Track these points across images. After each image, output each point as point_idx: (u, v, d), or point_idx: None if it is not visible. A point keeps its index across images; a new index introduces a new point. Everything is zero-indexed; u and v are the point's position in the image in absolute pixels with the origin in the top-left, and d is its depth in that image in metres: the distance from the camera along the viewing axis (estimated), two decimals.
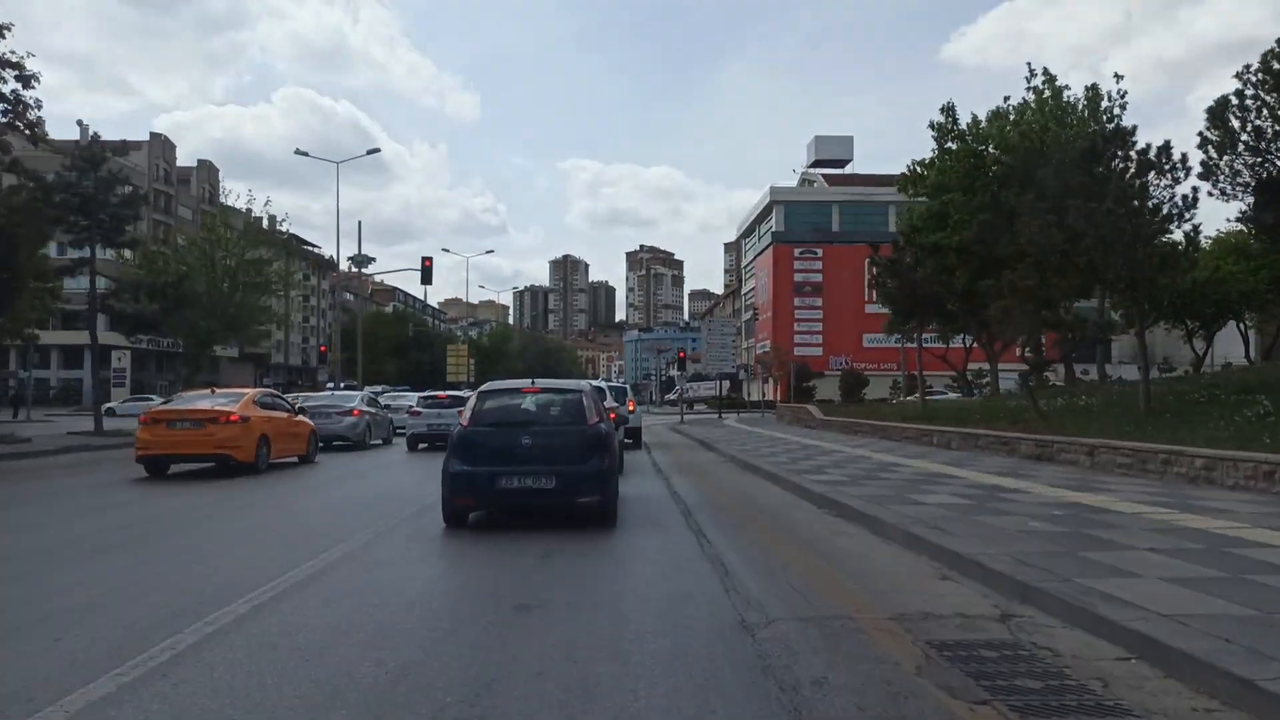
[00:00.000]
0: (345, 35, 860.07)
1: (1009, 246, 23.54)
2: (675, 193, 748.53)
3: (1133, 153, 22.10)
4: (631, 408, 21.09)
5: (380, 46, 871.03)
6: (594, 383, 16.63)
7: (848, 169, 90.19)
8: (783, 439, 22.75)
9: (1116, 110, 23.69)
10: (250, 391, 16.61)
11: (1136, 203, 14.32)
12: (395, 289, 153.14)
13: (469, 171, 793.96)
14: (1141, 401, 14.43)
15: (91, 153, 23.71)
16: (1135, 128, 22.66)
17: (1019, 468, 12.99)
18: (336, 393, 24.53)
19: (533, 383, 8.91)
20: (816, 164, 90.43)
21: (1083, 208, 15.06)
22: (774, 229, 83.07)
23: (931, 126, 26.05)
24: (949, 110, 25.73)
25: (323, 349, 42.83)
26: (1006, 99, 26.03)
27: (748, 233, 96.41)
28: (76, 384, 72.33)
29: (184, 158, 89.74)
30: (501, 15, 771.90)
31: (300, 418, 17.15)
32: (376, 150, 41.93)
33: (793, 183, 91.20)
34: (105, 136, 26.70)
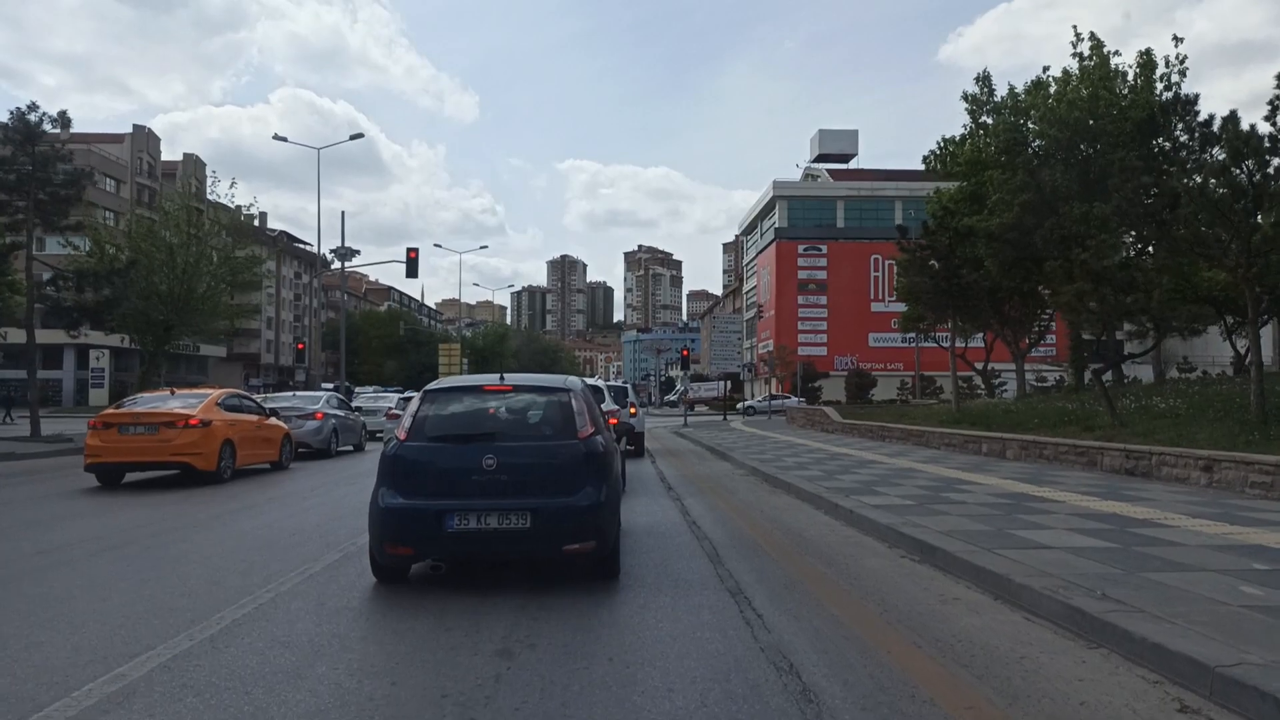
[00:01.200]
0: (343, 36, 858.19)
1: (1054, 231, 21.10)
2: (674, 194, 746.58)
3: (1195, 124, 19.74)
4: (634, 411, 18.52)
5: (378, 47, 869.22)
6: (590, 381, 14.02)
7: (852, 164, 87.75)
8: (803, 445, 20.22)
9: (1175, 77, 21.15)
10: (214, 392, 14.46)
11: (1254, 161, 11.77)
12: (390, 288, 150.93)
13: (467, 172, 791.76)
14: (1254, 405, 11.89)
15: (26, 126, 21.09)
16: (1198, 96, 20.25)
17: (1118, 486, 10.45)
18: (299, 393, 21.96)
19: (501, 379, 6.36)
20: (820, 158, 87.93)
21: (1185, 164, 12.62)
22: (777, 225, 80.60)
23: (965, 98, 23.51)
24: (984, 80, 23.19)
25: (300, 345, 40.16)
26: (1046, 69, 23.53)
27: (749, 229, 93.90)
28: (56, 384, 69.98)
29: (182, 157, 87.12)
30: (500, 15, 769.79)
31: (272, 421, 15.29)
32: (360, 135, 39.37)
33: (796, 178, 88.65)
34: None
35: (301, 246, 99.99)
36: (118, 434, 12.50)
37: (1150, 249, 21.27)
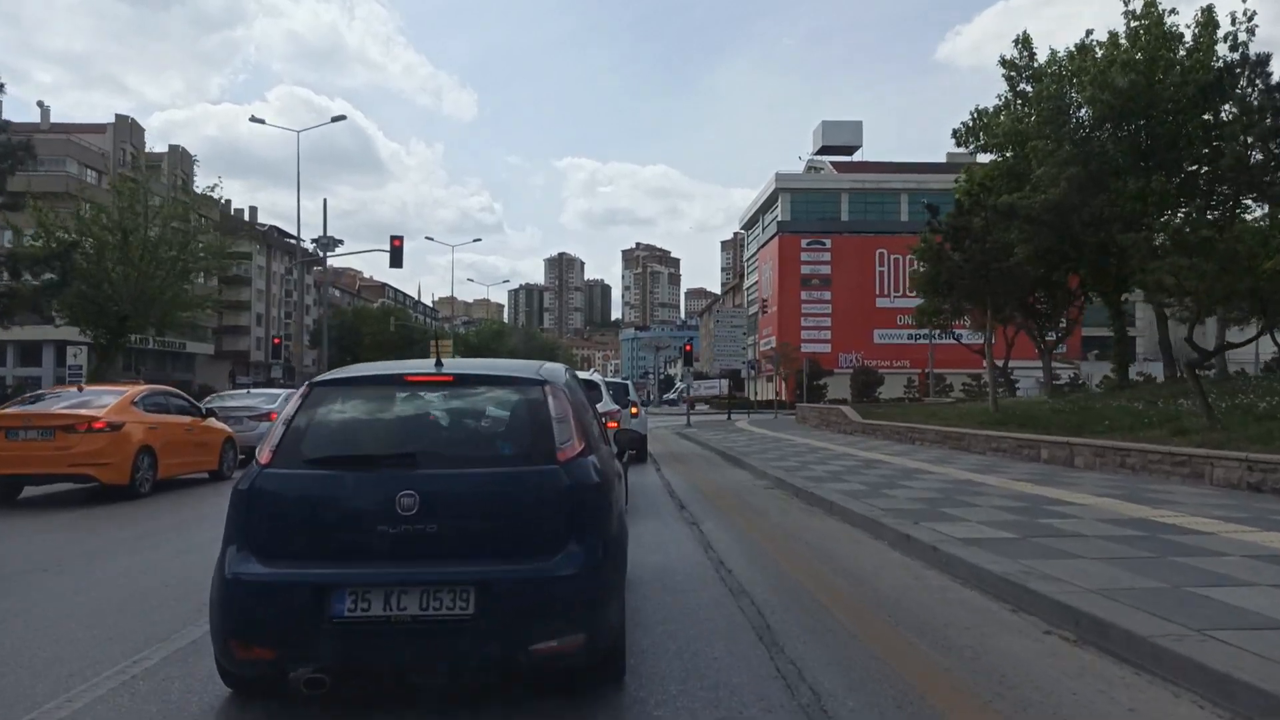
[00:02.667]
0: (341, 34, 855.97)
1: (1105, 209, 18.85)
2: (672, 192, 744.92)
3: (1270, 85, 17.54)
4: (635, 412, 16.17)
5: (376, 45, 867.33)
6: (584, 375, 11.63)
7: (856, 156, 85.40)
8: (826, 449, 17.95)
9: (1242, 35, 18.85)
10: (131, 389, 12.19)
11: None
12: (384, 285, 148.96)
13: (465, 171, 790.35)
14: None
15: None
16: (1269, 55, 18.01)
17: (1259, 509, 8.17)
18: (254, 390, 19.66)
19: (438, 364, 4.01)
20: (823, 150, 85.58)
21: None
22: (779, 218, 78.29)
23: (1002, 63, 21.26)
24: (1024, 43, 20.91)
25: (276, 340, 37.88)
26: (1089, 33, 21.28)
27: (750, 223, 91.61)
28: (35, 382, 67.62)
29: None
30: (499, 12, 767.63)
31: (211, 423, 13.01)
32: (341, 118, 36.95)
33: (798, 170, 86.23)
34: None
35: (292, 241, 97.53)
36: (4, 439, 10.27)
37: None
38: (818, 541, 7.56)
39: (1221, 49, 19.13)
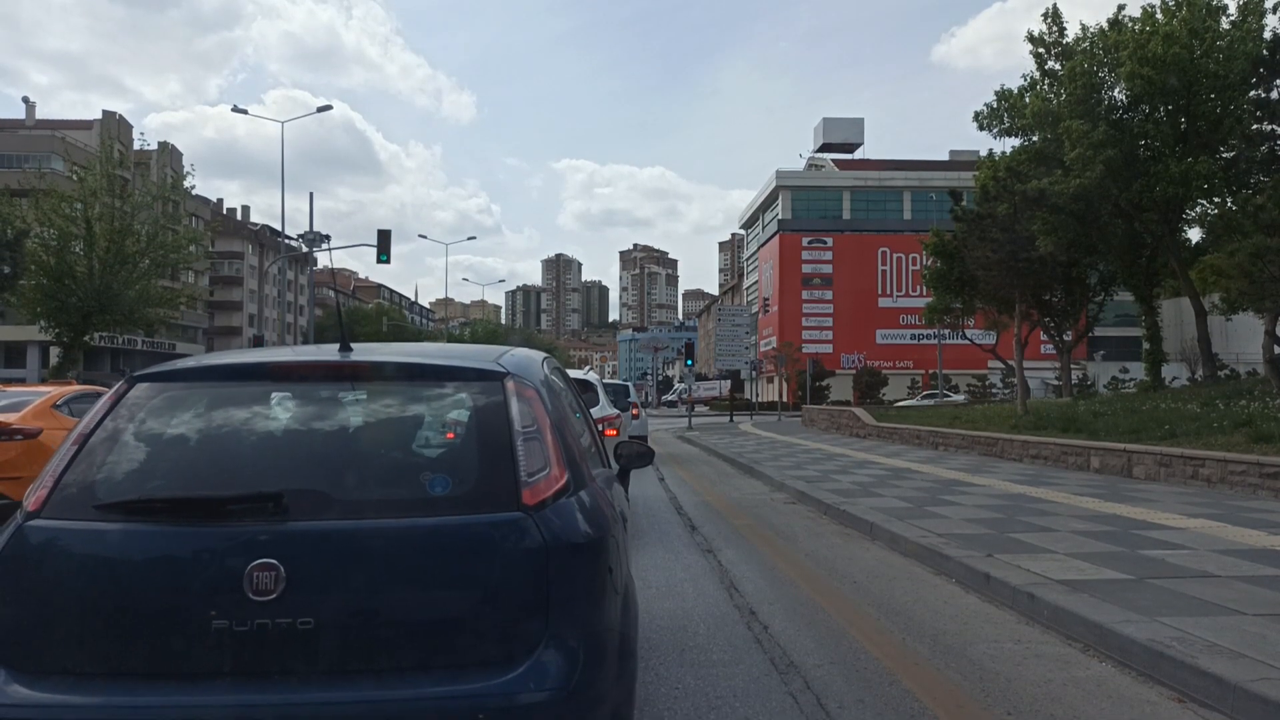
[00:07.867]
0: (338, 34, 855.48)
1: (1145, 195, 17.42)
2: (670, 193, 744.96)
3: None
4: (636, 413, 14.66)
5: (374, 46, 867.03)
6: (576, 374, 10.04)
7: (858, 153, 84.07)
8: (843, 455, 16.48)
9: None
10: (54, 390, 10.55)
11: None
12: (380, 286, 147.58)
13: (464, 172, 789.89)
14: None
15: None
16: None
17: None
18: None
19: (343, 349, 2.51)
20: (824, 148, 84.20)
21: None
22: (780, 216, 76.90)
23: (1029, 39, 19.81)
24: (1054, 17, 19.44)
25: (256, 341, 36.35)
26: (1122, 7, 19.84)
27: (750, 222, 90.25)
28: (20, 383, 66.00)
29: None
30: (496, 12, 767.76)
31: None
32: (328, 107, 35.53)
33: (799, 167, 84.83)
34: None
35: (285, 241, 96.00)
36: None
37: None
38: (868, 581, 6.08)
39: (1271, 20, 17.78)
